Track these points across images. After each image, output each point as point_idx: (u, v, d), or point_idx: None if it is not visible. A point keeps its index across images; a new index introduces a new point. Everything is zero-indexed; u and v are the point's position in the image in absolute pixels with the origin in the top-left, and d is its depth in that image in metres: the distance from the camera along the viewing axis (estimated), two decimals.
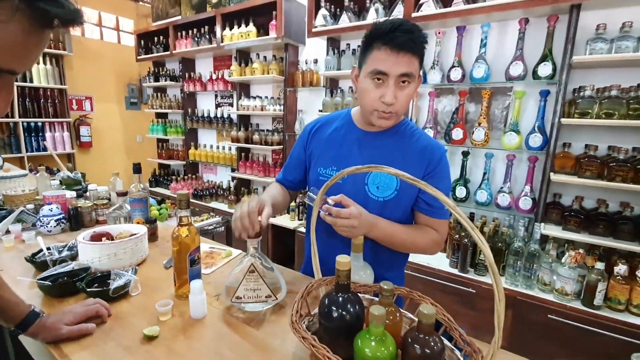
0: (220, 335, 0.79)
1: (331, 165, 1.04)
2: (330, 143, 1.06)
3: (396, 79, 0.86)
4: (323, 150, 1.06)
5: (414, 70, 0.87)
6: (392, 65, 0.85)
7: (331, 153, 1.05)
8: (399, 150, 0.99)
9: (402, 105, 0.90)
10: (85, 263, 1.02)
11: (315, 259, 0.81)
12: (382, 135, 1.01)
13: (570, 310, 1.75)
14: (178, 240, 0.91)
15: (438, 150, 0.99)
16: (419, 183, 0.56)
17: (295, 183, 1.17)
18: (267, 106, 3.08)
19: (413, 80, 0.88)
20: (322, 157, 1.06)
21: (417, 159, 0.97)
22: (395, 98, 0.87)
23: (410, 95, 0.90)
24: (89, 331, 0.76)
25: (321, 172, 1.05)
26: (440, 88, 2.35)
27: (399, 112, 0.91)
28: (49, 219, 1.33)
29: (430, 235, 0.99)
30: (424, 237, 0.98)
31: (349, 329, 0.66)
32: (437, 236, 0.99)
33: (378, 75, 0.87)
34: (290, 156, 1.18)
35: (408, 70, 0.86)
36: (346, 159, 1.02)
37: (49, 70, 3.79)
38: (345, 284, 0.67)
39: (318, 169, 1.06)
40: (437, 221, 0.99)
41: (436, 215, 0.99)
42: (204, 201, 3.58)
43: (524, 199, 2.05)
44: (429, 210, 0.99)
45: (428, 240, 0.98)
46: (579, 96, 1.86)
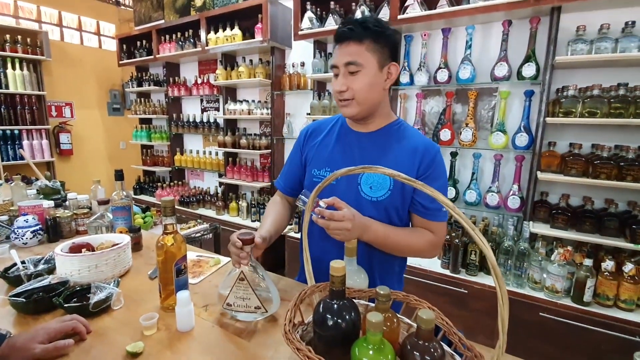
0: (209, 348, 0.75)
1: (324, 167, 1.03)
2: (324, 145, 1.06)
3: (343, 69, 0.92)
4: (317, 153, 1.07)
5: (358, 58, 0.90)
6: (338, 56, 0.93)
7: (324, 154, 1.05)
8: (391, 150, 0.98)
9: (358, 92, 0.92)
10: (64, 277, 0.96)
11: (308, 264, 0.78)
12: (374, 135, 1.01)
13: (561, 308, 1.77)
14: (163, 249, 0.87)
15: (432, 149, 0.97)
16: (415, 183, 0.54)
17: (293, 189, 1.16)
18: (254, 110, 3.04)
19: (362, 67, 0.90)
20: (316, 159, 1.06)
21: (410, 158, 0.96)
22: (347, 86, 0.92)
23: (364, 82, 0.92)
24: (66, 349, 0.71)
25: (315, 174, 1.05)
26: (427, 89, 2.36)
27: (357, 99, 0.93)
28: (24, 230, 1.26)
29: (425, 237, 0.96)
30: (419, 239, 0.96)
31: (345, 337, 0.64)
32: (433, 238, 0.97)
33: (334, 70, 0.96)
34: (288, 162, 1.18)
35: (351, 59, 0.90)
36: (339, 159, 1.01)
37: (25, 76, 3.65)
38: (340, 290, 0.65)
39: (312, 170, 1.05)
40: (434, 224, 0.97)
41: (433, 218, 0.97)
42: (191, 208, 3.50)
43: (512, 198, 2.06)
44: (425, 213, 0.97)
45: (424, 242, 0.96)
46: (563, 96, 1.89)
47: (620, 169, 1.72)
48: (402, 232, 0.96)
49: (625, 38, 1.72)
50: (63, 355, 0.70)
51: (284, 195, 1.18)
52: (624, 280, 1.70)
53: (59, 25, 4.16)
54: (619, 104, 1.74)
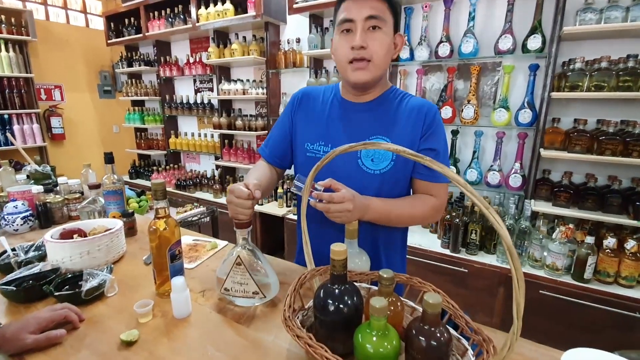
0: (207, 334, 0.73)
1: (319, 140, 0.97)
2: (318, 116, 1.00)
3: (363, 24, 0.83)
4: (310, 124, 1.00)
5: (381, 14, 0.82)
6: (357, 9, 0.82)
7: (319, 127, 0.98)
8: (390, 117, 0.94)
9: (376, 52, 0.84)
10: (56, 264, 0.93)
11: (308, 248, 0.75)
12: (371, 104, 0.96)
13: (561, 285, 1.77)
14: (156, 234, 0.83)
15: (431, 109, 0.94)
16: (423, 159, 0.49)
17: (282, 160, 1.07)
18: (249, 90, 2.95)
19: (384, 25, 0.84)
20: (309, 132, 1.00)
21: (412, 120, 0.92)
22: (366, 44, 0.83)
23: (384, 43, 0.84)
24: (59, 339, 0.68)
25: (308, 148, 0.99)
26: (428, 65, 2.28)
27: (374, 60, 0.85)
28: (14, 216, 1.22)
29: (427, 202, 0.93)
30: (422, 206, 0.92)
31: (347, 323, 0.61)
32: (435, 202, 0.93)
33: (346, 26, 0.85)
34: (276, 128, 1.08)
35: (374, 12, 0.82)
36: (335, 132, 0.96)
37: (12, 57, 3.51)
38: (341, 274, 0.61)
39: (305, 144, 0.99)
40: (435, 186, 0.93)
41: (435, 179, 0.93)
42: (188, 191, 3.46)
43: (514, 176, 2.03)
44: (428, 176, 0.93)
45: (427, 208, 0.92)
46: (569, 69, 1.82)
47: (627, 144, 1.68)
48: (403, 203, 0.92)
49: (637, 6, 1.64)
50: (55, 344, 0.68)
51: (268, 163, 1.08)
52: (625, 257, 1.70)
53: (44, 4, 3.98)
54: (628, 77, 1.68)
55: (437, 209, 0.94)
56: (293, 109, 1.05)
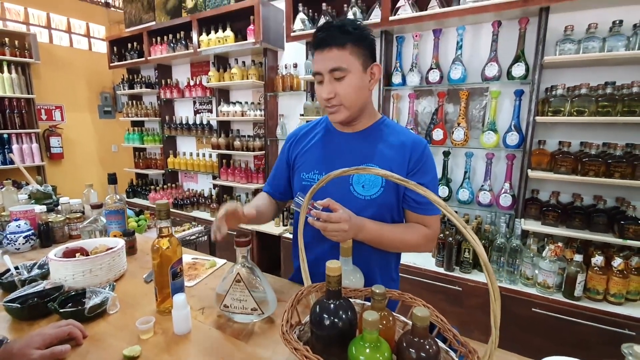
0: (206, 350, 0.76)
1: (313, 169, 1.04)
2: (312, 148, 1.07)
3: (328, 75, 0.91)
4: (305, 156, 1.08)
5: (343, 64, 0.89)
6: (322, 63, 0.91)
7: (313, 157, 1.05)
8: (379, 149, 0.99)
9: (345, 97, 0.92)
10: (58, 282, 0.96)
11: (304, 265, 0.79)
12: (361, 135, 1.02)
13: (553, 303, 1.80)
14: (159, 252, 0.87)
15: (419, 145, 0.99)
16: (407, 183, 0.55)
17: (282, 192, 1.17)
18: (248, 112, 3.04)
19: (348, 72, 0.91)
20: (305, 163, 1.07)
21: (399, 154, 0.97)
22: (334, 92, 0.91)
23: (351, 87, 0.92)
24: (63, 354, 0.70)
25: (304, 177, 1.05)
26: (420, 90, 2.39)
27: (345, 103, 0.93)
28: (16, 236, 1.25)
29: (420, 231, 0.97)
30: (414, 234, 0.97)
31: (342, 336, 0.65)
32: (427, 232, 0.98)
33: (317, 78, 0.94)
34: (275, 167, 1.19)
35: (336, 65, 0.89)
36: (328, 161, 1.02)
37: (14, 79, 3.60)
38: (336, 290, 0.65)
39: (301, 174, 1.06)
40: (427, 217, 0.98)
41: (426, 212, 0.98)
42: (186, 210, 3.48)
43: (504, 196, 2.09)
44: (418, 208, 0.98)
45: (418, 237, 0.97)
46: (551, 95, 1.92)
47: (608, 165, 1.76)
48: (396, 228, 0.97)
49: (612, 37, 1.76)
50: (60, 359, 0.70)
51: (270, 196, 1.18)
52: (613, 274, 1.74)
53: (47, 27, 4.11)
54: (607, 102, 1.77)
55: (430, 239, 0.99)
56: (290, 146, 1.14)
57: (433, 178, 1.01)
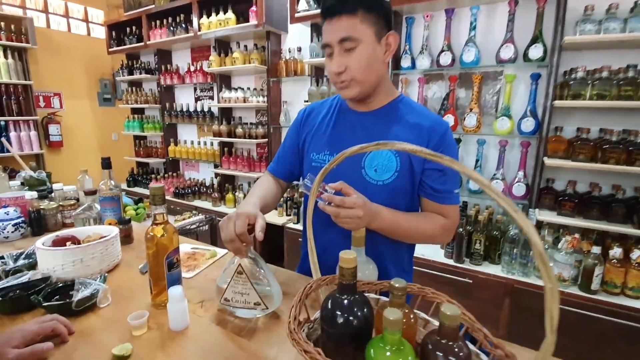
0: (205, 348, 0.68)
1: (324, 150, 0.96)
2: (323, 127, 0.99)
3: (338, 47, 0.83)
4: (315, 135, 0.99)
5: (354, 33, 0.81)
6: (331, 33, 0.83)
7: (324, 137, 0.97)
8: (394, 129, 0.90)
9: (356, 70, 0.83)
10: (46, 272, 0.89)
11: (313, 256, 0.71)
12: (377, 114, 0.93)
13: (568, 297, 1.72)
14: (153, 241, 0.79)
15: (439, 127, 0.89)
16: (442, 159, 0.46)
17: (289, 173, 1.09)
18: (250, 98, 2.94)
19: (359, 42, 0.81)
20: (315, 142, 0.99)
21: (415, 138, 0.88)
22: (344, 66, 0.83)
23: (362, 60, 0.83)
24: (44, 353, 0.63)
25: (314, 158, 0.97)
26: (430, 74, 2.28)
27: (356, 78, 0.85)
28: (5, 223, 1.18)
29: (437, 221, 0.89)
30: (431, 224, 0.89)
31: (357, 336, 0.57)
32: (445, 222, 0.89)
33: (327, 50, 0.86)
34: (282, 144, 1.10)
35: (346, 34, 0.81)
36: (339, 142, 0.94)
37: (10, 64, 3.50)
38: (350, 283, 0.58)
39: (311, 154, 0.98)
40: (446, 207, 0.90)
41: (444, 201, 0.89)
42: (187, 200, 3.42)
43: (518, 185, 2.01)
44: (436, 196, 0.89)
45: (436, 227, 0.89)
46: (571, 78, 1.82)
47: (630, 153, 1.67)
48: (412, 217, 0.89)
49: (634, 18, 1.65)
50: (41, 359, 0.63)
51: (276, 178, 1.10)
52: (631, 267, 1.66)
53: (45, 12, 3.99)
54: (629, 87, 1.67)
55: (448, 230, 0.91)
56: (300, 124, 1.05)
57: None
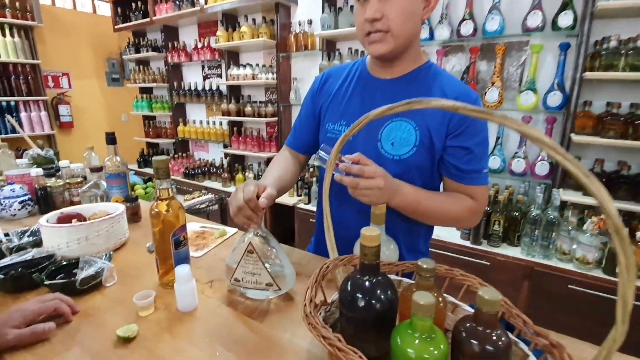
0: (214, 330, 0.64)
1: (340, 120, 0.88)
2: (340, 95, 0.90)
3: None
4: (332, 104, 0.91)
5: None
6: None
7: (341, 106, 0.89)
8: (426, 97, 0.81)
9: (394, 20, 0.73)
10: (51, 250, 0.85)
11: (330, 234, 0.65)
12: (399, 81, 0.84)
13: (592, 280, 1.65)
14: (159, 217, 0.75)
15: (467, 98, 0.80)
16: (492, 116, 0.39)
17: (307, 146, 1.02)
18: (259, 75, 2.84)
19: None
20: (331, 112, 0.91)
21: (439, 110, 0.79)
22: (381, 13, 0.73)
23: (404, 9, 0.73)
24: (46, 334, 0.60)
25: (329, 129, 0.90)
26: (449, 45, 2.14)
27: (393, 30, 0.74)
28: (11, 200, 1.15)
29: (464, 203, 0.81)
30: (457, 205, 0.81)
31: (380, 321, 0.51)
32: (473, 204, 0.81)
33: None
34: (299, 115, 1.03)
35: None
36: (357, 111, 0.85)
37: (17, 43, 3.45)
38: (373, 264, 0.52)
39: (327, 124, 0.90)
40: (471, 188, 0.81)
41: (470, 182, 0.81)
42: (197, 180, 3.40)
43: (541, 164, 1.90)
44: (461, 176, 0.81)
45: (462, 209, 0.81)
46: (603, 48, 1.68)
47: None
48: (436, 196, 0.82)
49: None
50: (42, 340, 0.60)
51: (293, 151, 1.03)
52: None
53: None
54: None
55: (475, 212, 0.83)
56: (316, 92, 0.97)
57: (482, 142, 0.81)
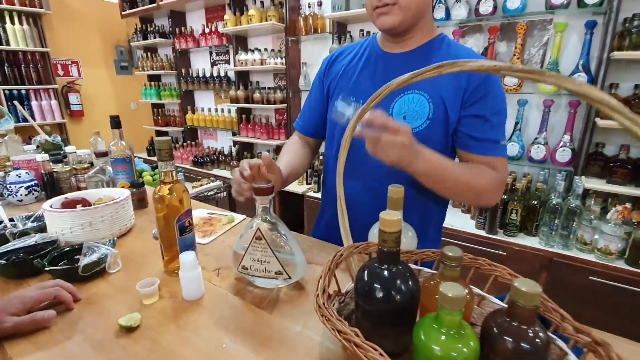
0: (221, 320, 0.61)
1: (349, 97, 0.84)
2: (349, 72, 0.88)
3: None
4: (341, 81, 0.89)
5: None
6: None
7: (349, 82, 0.87)
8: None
9: None
10: (55, 236, 0.83)
11: (344, 219, 0.60)
12: (411, 55, 0.80)
13: (614, 271, 1.58)
14: (163, 202, 0.71)
15: None
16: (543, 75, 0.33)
17: (316, 130, 1.00)
18: (268, 59, 2.77)
19: None
20: (339, 89, 0.89)
21: (453, 80, 0.74)
22: None
23: None
24: (46, 322, 0.57)
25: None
26: (467, 25, 2.03)
27: (401, 1, 0.71)
28: (17, 186, 1.13)
29: (488, 174, 0.76)
30: (482, 177, 0.75)
31: (400, 314, 0.47)
32: (495, 175, 0.76)
33: None
34: (307, 97, 1.01)
35: None
36: (367, 88, 0.83)
37: (26, 30, 3.45)
38: (393, 251, 0.47)
39: (335, 102, 0.87)
40: (490, 159, 0.77)
41: (488, 152, 0.77)
42: (205, 168, 3.38)
43: (562, 150, 1.81)
44: (478, 146, 0.77)
45: (487, 181, 0.75)
46: (633, 26, 1.57)
47: None
48: (460, 165, 0.77)
49: None
50: (42, 328, 0.57)
51: (303, 136, 1.02)
52: None
53: None
54: None
55: (499, 185, 0.78)
56: (324, 72, 0.95)
57: (499, 112, 0.76)
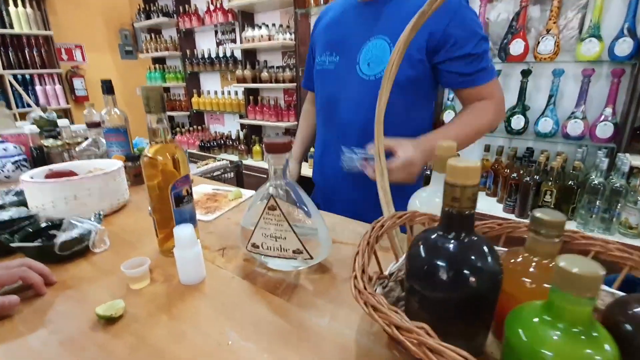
0: (225, 309, 0.48)
1: (325, 51, 0.89)
2: (327, 27, 0.91)
3: None
4: (320, 37, 0.93)
5: None
6: None
7: (325, 37, 0.90)
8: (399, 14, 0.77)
9: None
10: (34, 210, 0.71)
11: (385, 181, 0.47)
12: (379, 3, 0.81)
13: None
14: (155, 166, 0.58)
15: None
16: None
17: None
18: (276, 35, 2.61)
19: None
20: (319, 45, 0.92)
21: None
22: None
23: None
24: (6, 310, 0.45)
25: (318, 62, 0.91)
26: None
27: None
28: (3, 160, 1.03)
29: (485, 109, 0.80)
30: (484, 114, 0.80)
31: (474, 304, 0.33)
32: (490, 105, 0.80)
33: None
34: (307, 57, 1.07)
35: None
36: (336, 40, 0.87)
37: (29, 14, 3.34)
38: (465, 215, 0.33)
39: (317, 58, 0.92)
40: (481, 88, 0.79)
41: (480, 81, 0.78)
42: (213, 153, 3.26)
43: (604, 125, 1.63)
44: (468, 81, 0.78)
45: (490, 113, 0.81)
46: None
47: None
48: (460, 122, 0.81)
49: None
50: (2, 317, 0.45)
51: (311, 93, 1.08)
52: None
53: None
54: None
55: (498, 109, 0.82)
56: (314, 30, 0.99)
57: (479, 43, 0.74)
